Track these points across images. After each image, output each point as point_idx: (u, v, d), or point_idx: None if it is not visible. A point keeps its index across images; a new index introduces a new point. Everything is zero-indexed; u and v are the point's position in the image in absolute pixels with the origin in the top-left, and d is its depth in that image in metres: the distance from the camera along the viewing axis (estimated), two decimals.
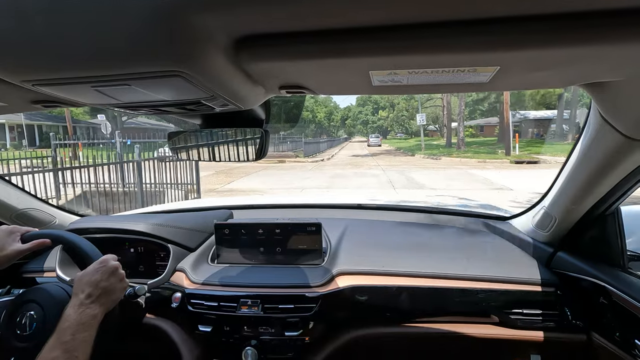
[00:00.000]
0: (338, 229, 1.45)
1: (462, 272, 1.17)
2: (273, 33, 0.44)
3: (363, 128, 66.76)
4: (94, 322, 0.78)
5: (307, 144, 22.67)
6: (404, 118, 49.30)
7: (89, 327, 0.76)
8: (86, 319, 0.76)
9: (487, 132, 37.35)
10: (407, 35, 0.42)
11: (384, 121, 53.16)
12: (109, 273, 0.85)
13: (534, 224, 1.27)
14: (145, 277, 1.24)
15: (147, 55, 0.44)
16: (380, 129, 61.94)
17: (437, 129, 47.46)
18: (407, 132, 53.67)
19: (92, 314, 0.78)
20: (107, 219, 1.52)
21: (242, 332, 1.12)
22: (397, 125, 52.72)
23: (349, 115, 68.31)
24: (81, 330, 0.74)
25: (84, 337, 0.74)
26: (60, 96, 0.59)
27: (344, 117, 69.99)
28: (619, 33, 0.40)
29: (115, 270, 0.88)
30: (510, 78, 0.55)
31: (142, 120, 38.61)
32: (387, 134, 65.75)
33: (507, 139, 18.08)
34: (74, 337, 0.72)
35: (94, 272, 0.84)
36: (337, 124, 71.98)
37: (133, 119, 34.62)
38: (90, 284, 0.82)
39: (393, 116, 47.65)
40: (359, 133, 72.43)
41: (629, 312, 0.91)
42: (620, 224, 1.02)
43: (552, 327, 1.11)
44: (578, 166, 0.95)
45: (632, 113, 0.69)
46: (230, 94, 0.59)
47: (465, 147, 21.77)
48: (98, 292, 0.81)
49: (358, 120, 61.19)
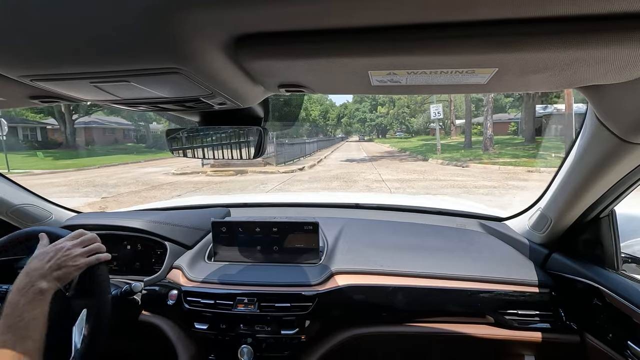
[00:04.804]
0: (335, 228, 1.44)
1: (458, 273, 1.16)
2: (273, 32, 0.44)
3: (361, 127, 62.13)
4: (44, 297, 0.77)
5: (284, 146, 16.10)
6: (404, 115, 43.86)
7: (39, 304, 0.75)
8: (32, 296, 0.75)
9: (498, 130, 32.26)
10: (406, 36, 0.43)
11: (383, 118, 47.97)
12: (56, 250, 0.85)
13: (530, 225, 1.27)
14: (142, 274, 1.24)
15: (147, 52, 0.43)
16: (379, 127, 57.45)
17: (442, 126, 41.88)
18: (408, 130, 49.11)
19: (38, 288, 0.77)
20: (104, 216, 1.52)
21: (238, 330, 1.11)
22: (397, 123, 47.52)
23: (345, 113, 63.34)
24: (29, 310, 0.74)
25: (33, 315, 0.74)
26: (59, 92, 0.60)
27: (340, 115, 64.89)
28: (615, 37, 0.40)
29: (64, 248, 0.86)
30: (508, 80, 0.55)
31: (105, 118, 32.64)
32: (386, 132, 60.98)
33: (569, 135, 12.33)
34: (21, 318, 0.72)
35: (42, 254, 0.84)
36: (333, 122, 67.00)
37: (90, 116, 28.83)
38: (38, 265, 0.81)
39: (393, 112, 42.24)
40: (356, 132, 68.18)
41: (621, 314, 0.92)
42: (614, 226, 1.04)
43: (546, 328, 1.11)
44: (574, 168, 0.95)
45: (628, 116, 0.69)
46: (230, 92, 0.59)
47: (493, 148, 16.14)
48: (44, 269, 0.80)
49: (355, 118, 56.34)
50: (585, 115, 0.83)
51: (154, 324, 1.18)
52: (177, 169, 13.51)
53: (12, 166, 14.71)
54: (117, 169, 15.30)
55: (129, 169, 15.17)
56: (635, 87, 0.58)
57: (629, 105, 0.64)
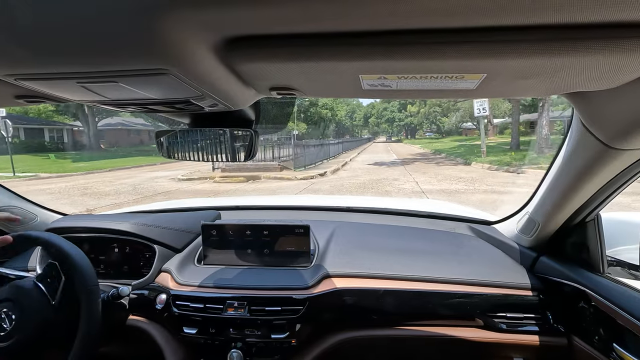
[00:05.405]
0: (326, 231, 1.43)
1: (447, 276, 1.16)
2: (265, 35, 0.44)
3: (388, 127, 59.68)
4: None
5: (303, 148, 14.27)
6: (435, 114, 41.15)
7: None
8: None
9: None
10: (397, 41, 0.44)
11: (412, 118, 45.30)
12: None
13: (518, 229, 1.27)
14: (130, 278, 1.22)
15: (134, 53, 0.43)
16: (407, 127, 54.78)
17: (476, 125, 38.71)
18: (439, 130, 46.16)
19: None
20: (91, 218, 1.46)
21: (228, 334, 1.10)
22: (427, 123, 44.89)
23: (373, 113, 61.00)
24: None
25: None
26: (45, 92, 0.58)
27: (367, 115, 62.70)
28: (597, 45, 0.42)
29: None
30: (497, 86, 0.56)
31: (132, 120, 32.44)
32: (416, 132, 58.17)
33: None
34: None
35: None
36: (359, 122, 64.92)
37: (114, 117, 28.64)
38: None
39: (424, 111, 39.62)
40: (383, 132, 65.77)
41: (607, 316, 0.92)
42: (600, 230, 1.04)
43: (534, 331, 1.11)
44: (560, 173, 0.97)
45: (612, 122, 0.70)
46: (220, 94, 0.59)
47: (550, 150, 13.67)
48: None
49: (383, 118, 53.83)
50: (571, 121, 0.85)
51: (142, 329, 1.17)
52: (185, 173, 12.17)
53: (22, 169, 14.05)
54: (126, 172, 14.26)
55: (139, 172, 14.08)
56: (618, 95, 0.59)
57: (612, 112, 0.66)
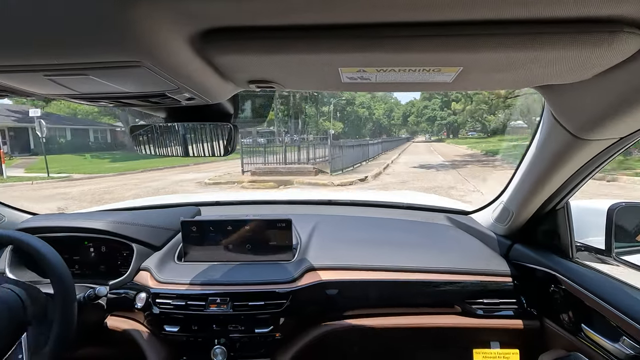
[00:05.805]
0: (309, 225, 1.44)
1: (426, 265, 1.20)
2: (242, 27, 0.43)
3: (428, 126, 56.59)
4: None
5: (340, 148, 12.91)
6: (482, 112, 37.96)
7: None
8: None
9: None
10: (376, 34, 0.44)
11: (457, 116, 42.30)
12: None
13: (494, 218, 1.31)
14: (107, 278, 1.20)
15: (105, 44, 0.41)
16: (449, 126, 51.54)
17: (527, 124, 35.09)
18: (484, 129, 42.65)
19: None
20: (63, 217, 1.40)
21: (211, 331, 1.09)
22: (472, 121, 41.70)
23: (412, 112, 58.22)
24: None
25: None
26: (10, 85, 0.55)
27: (406, 114, 60.01)
28: (567, 39, 0.43)
29: None
30: (473, 79, 0.58)
31: None
32: (458, 132, 54.68)
33: None
34: None
35: None
36: (398, 121, 62.32)
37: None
38: None
39: (470, 109, 36.66)
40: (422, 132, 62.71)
41: (576, 299, 0.96)
42: (569, 217, 1.08)
43: (509, 315, 1.16)
44: (532, 163, 1.00)
45: (579, 114, 0.72)
46: (197, 87, 0.58)
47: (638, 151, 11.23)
48: None
49: (423, 116, 51.03)
50: (542, 114, 0.87)
51: (122, 329, 1.16)
52: (213, 177, 11.30)
53: (58, 169, 14.03)
54: (157, 173, 13.78)
55: (169, 174, 13.53)
56: (585, 88, 0.62)
57: (580, 104, 0.69)
